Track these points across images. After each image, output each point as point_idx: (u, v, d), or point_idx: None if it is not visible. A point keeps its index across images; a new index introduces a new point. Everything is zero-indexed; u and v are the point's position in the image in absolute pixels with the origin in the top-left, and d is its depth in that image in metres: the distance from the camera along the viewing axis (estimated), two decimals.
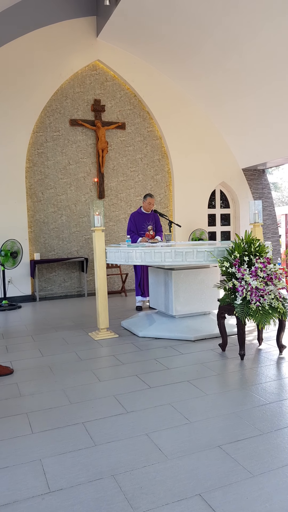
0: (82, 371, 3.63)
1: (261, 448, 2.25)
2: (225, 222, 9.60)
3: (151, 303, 5.29)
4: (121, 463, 2.16)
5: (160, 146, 8.66)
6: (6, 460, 2.23)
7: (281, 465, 2.09)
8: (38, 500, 1.90)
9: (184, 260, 4.26)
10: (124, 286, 7.95)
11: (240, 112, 8.21)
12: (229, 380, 3.31)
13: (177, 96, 8.65)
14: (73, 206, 7.97)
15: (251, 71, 7.16)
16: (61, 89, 7.79)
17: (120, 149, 8.29)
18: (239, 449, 2.25)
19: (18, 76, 7.38)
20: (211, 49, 7.20)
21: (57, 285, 7.91)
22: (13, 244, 6.92)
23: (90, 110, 8.02)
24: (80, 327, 5.32)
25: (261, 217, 4.63)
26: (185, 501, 1.85)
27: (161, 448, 2.29)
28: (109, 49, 8.01)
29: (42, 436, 2.48)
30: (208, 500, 1.84)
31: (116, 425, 2.59)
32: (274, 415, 2.64)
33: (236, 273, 3.78)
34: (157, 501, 1.86)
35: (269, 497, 1.85)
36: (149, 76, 8.37)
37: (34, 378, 3.50)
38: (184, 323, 4.68)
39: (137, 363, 3.77)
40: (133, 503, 1.84)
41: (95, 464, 2.16)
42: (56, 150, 7.79)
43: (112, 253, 4.77)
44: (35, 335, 4.99)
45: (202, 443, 2.33)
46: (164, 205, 8.75)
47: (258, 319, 3.55)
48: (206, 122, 8.94)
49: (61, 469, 2.13)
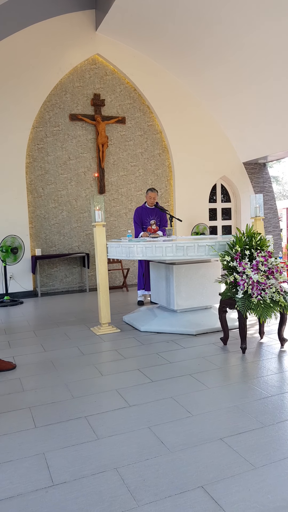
0: (84, 365, 3.64)
1: (262, 441, 2.26)
2: (226, 216, 9.58)
3: (153, 298, 5.30)
4: (124, 456, 2.18)
5: (160, 140, 8.63)
6: (10, 454, 2.24)
7: (283, 457, 2.11)
8: (42, 493, 1.91)
9: (186, 255, 4.26)
10: (125, 281, 7.96)
11: (240, 106, 8.16)
12: (230, 374, 3.32)
13: (177, 90, 8.61)
14: (74, 201, 7.96)
15: (251, 64, 7.12)
16: (60, 84, 7.75)
17: (120, 143, 8.26)
18: (241, 442, 2.26)
19: (17, 71, 7.34)
20: (211, 43, 7.15)
21: (59, 281, 7.93)
22: (14, 240, 6.92)
23: (90, 104, 7.98)
24: (82, 322, 5.34)
25: (262, 211, 4.62)
26: (187, 493, 1.86)
27: (164, 441, 2.30)
28: (108, 43, 7.96)
29: (45, 430, 2.50)
30: (211, 492, 1.86)
31: (119, 418, 2.60)
32: (275, 408, 2.65)
33: (238, 267, 3.78)
34: (160, 493, 1.87)
35: (271, 489, 1.86)
36: (148, 70, 8.32)
37: (36, 373, 3.52)
38: (186, 318, 4.69)
39: (139, 357, 3.79)
40: (136, 496, 1.86)
41: (98, 457, 2.18)
42: (56, 145, 7.77)
43: (113, 248, 4.77)
44: (37, 331, 5.01)
45: (204, 436, 2.35)
46: (165, 200, 8.73)
47: (260, 313, 3.55)
48: (206, 116, 8.90)
49: (64, 463, 2.14)
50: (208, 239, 4.47)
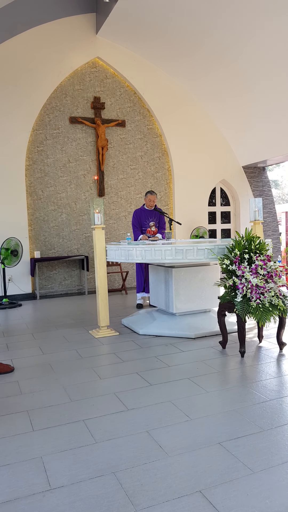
0: (82, 368, 3.63)
1: (261, 445, 2.26)
2: (225, 219, 9.59)
3: (152, 301, 5.29)
4: (122, 460, 2.17)
5: (160, 143, 8.64)
6: (7, 458, 2.23)
7: (281, 461, 2.10)
8: (39, 497, 1.90)
9: (185, 258, 4.26)
10: (124, 284, 7.95)
11: (240, 110, 8.19)
12: (229, 378, 3.31)
13: (177, 93, 8.63)
14: (73, 204, 7.97)
15: (251, 68, 7.14)
16: (60, 87, 7.77)
17: (120, 146, 8.28)
18: (239, 446, 2.25)
19: (18, 73, 7.36)
20: (211, 46, 7.18)
21: (58, 283, 7.92)
22: (13, 242, 6.92)
23: (90, 107, 8.00)
24: (81, 325, 5.33)
25: (261, 215, 4.63)
26: (185, 497, 1.85)
27: (162, 445, 2.29)
28: (108, 46, 7.99)
29: (43, 433, 2.49)
30: (209, 497, 1.85)
31: (117, 422, 2.59)
32: (274, 412, 2.64)
33: (237, 270, 3.78)
34: (157, 497, 1.86)
35: (269, 494, 1.86)
36: (149, 73, 8.34)
37: (34, 376, 3.51)
38: (185, 321, 4.69)
39: (138, 361, 3.78)
40: (134, 500, 1.85)
41: (96, 461, 2.17)
42: (56, 148, 7.78)
43: (113, 251, 4.77)
44: (36, 333, 5.00)
45: (202, 440, 2.34)
46: (165, 203, 8.74)
47: (258, 317, 3.55)
48: (206, 119, 8.92)
49: (62, 466, 2.13)
50: (207, 243, 4.47)
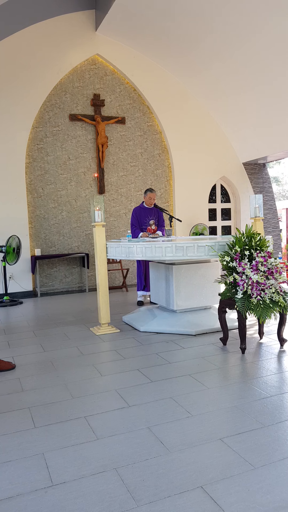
0: (83, 365, 3.64)
1: (262, 441, 2.26)
2: (226, 216, 9.58)
3: (152, 298, 5.30)
4: (123, 456, 2.18)
5: (160, 140, 8.63)
6: (9, 454, 2.24)
7: (282, 457, 2.11)
8: (41, 493, 1.91)
9: (185, 255, 4.26)
10: (125, 281, 7.96)
11: (240, 106, 8.16)
12: (230, 374, 3.32)
13: (177, 90, 8.61)
14: (74, 201, 7.96)
15: (252, 65, 7.12)
16: (60, 84, 7.75)
17: (120, 144, 8.27)
18: (240, 442, 2.26)
19: (17, 71, 7.34)
20: (211, 43, 7.15)
21: (58, 281, 7.92)
22: (15, 240, 6.92)
23: (90, 104, 7.98)
24: (82, 322, 5.34)
25: (261, 211, 4.62)
26: (187, 493, 1.86)
27: (163, 441, 2.30)
28: (108, 43, 7.96)
29: (45, 430, 2.50)
30: (210, 492, 1.86)
31: (118, 418, 2.60)
32: (275, 408, 2.65)
33: (237, 267, 3.78)
34: (159, 493, 1.87)
35: (270, 489, 1.86)
36: (148, 70, 8.32)
37: (36, 373, 3.52)
38: (185, 318, 4.69)
39: (139, 358, 3.79)
40: (136, 496, 1.86)
41: (98, 457, 2.18)
42: (55, 145, 7.77)
43: (113, 248, 4.77)
44: (37, 331, 5.00)
45: (203, 436, 2.34)
46: (165, 200, 8.73)
47: (259, 313, 3.55)
48: (206, 116, 8.90)
49: (63, 463, 2.14)
50: (207, 240, 4.47)
